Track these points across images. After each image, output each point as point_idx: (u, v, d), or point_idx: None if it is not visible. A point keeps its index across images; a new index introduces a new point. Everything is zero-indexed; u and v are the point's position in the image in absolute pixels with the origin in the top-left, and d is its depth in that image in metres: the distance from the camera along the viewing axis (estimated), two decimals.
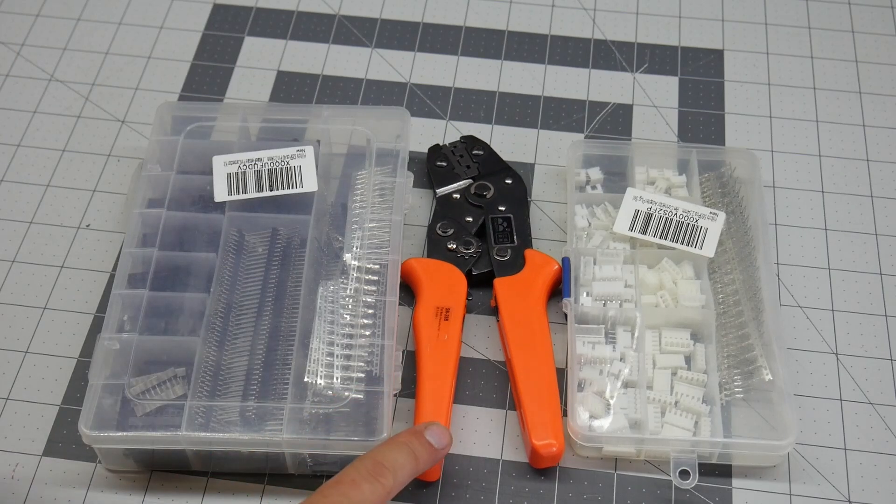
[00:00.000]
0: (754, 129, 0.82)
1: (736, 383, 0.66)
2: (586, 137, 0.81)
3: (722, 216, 0.71)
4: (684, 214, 0.71)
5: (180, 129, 0.75)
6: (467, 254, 0.72)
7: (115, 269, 0.73)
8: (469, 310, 0.71)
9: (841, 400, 0.68)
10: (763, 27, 0.89)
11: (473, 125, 0.81)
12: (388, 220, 0.70)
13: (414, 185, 0.76)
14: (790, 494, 0.64)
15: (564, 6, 0.90)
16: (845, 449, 0.66)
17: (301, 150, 0.73)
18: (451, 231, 0.73)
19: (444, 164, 0.77)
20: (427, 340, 0.66)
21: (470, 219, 0.74)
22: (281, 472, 0.64)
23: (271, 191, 0.71)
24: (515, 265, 0.71)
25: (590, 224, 0.73)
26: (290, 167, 0.72)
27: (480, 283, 0.72)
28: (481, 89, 0.84)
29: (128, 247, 0.69)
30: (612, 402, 0.65)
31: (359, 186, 0.73)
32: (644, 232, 0.71)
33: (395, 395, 0.67)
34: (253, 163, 0.72)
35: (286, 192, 0.71)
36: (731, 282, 0.70)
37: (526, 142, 0.81)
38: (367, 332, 0.66)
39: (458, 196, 0.75)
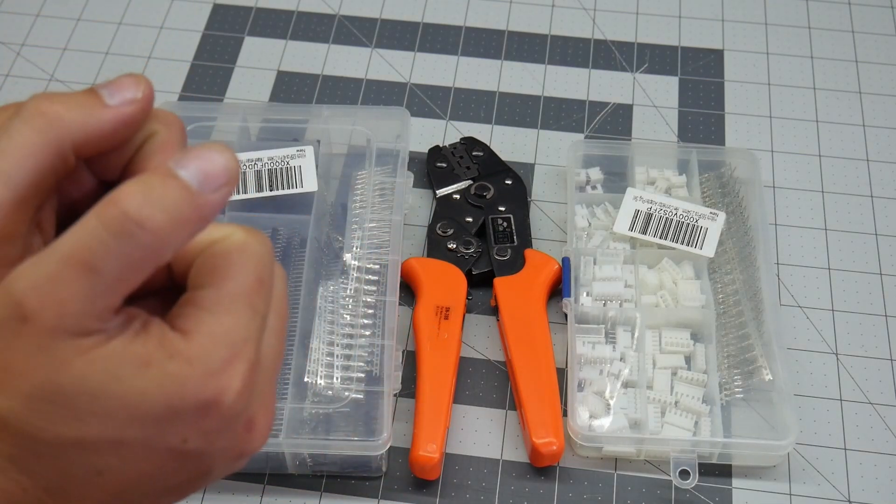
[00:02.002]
0: (754, 129, 0.82)
1: (736, 383, 0.66)
2: (586, 137, 0.81)
3: (722, 216, 0.71)
4: (684, 214, 0.71)
5: None
6: (467, 254, 0.72)
7: None
8: (469, 309, 0.71)
9: (841, 400, 0.68)
10: (763, 27, 0.89)
11: (473, 125, 0.81)
12: (388, 220, 0.70)
13: (414, 185, 0.76)
14: (790, 494, 0.64)
15: (564, 6, 0.90)
16: (845, 449, 0.66)
17: (301, 150, 0.73)
18: (451, 231, 0.73)
19: (443, 165, 0.77)
20: (427, 340, 0.66)
21: (470, 219, 0.74)
22: (281, 472, 0.64)
23: (271, 191, 0.71)
24: (515, 265, 0.71)
25: (590, 224, 0.73)
26: (290, 167, 0.72)
27: (480, 282, 0.72)
28: (481, 89, 0.84)
29: None
30: (612, 402, 0.65)
31: (359, 186, 0.73)
32: (644, 232, 0.71)
33: (395, 395, 0.67)
34: (253, 163, 0.72)
35: (286, 192, 0.71)
36: (731, 282, 0.70)
37: (526, 142, 0.81)
38: (367, 332, 0.66)
39: (458, 196, 0.75)
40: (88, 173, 0.37)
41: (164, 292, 0.36)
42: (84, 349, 0.32)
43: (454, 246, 0.72)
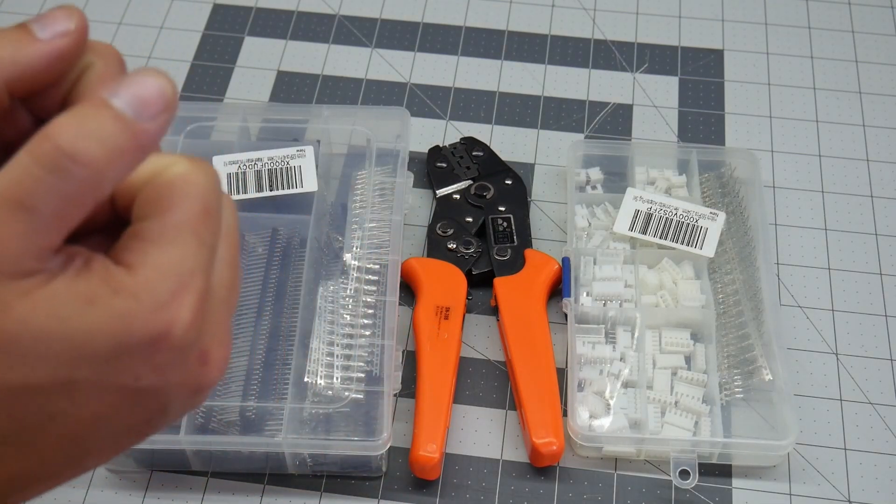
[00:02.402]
0: (754, 129, 0.82)
1: (736, 383, 0.66)
2: (586, 137, 0.81)
3: (722, 216, 0.71)
4: (684, 214, 0.71)
5: (180, 129, 0.75)
6: (467, 254, 0.72)
7: None
8: (469, 310, 0.71)
9: (841, 400, 0.68)
10: (763, 27, 0.89)
11: (473, 125, 0.81)
12: (388, 220, 0.70)
13: (414, 185, 0.76)
14: (790, 494, 0.64)
15: (564, 6, 0.90)
16: (845, 449, 0.66)
17: (301, 150, 0.73)
18: (451, 231, 0.73)
19: (443, 165, 0.77)
20: (427, 340, 0.66)
21: (470, 219, 0.74)
22: (281, 472, 0.64)
23: (271, 191, 0.71)
24: (515, 265, 0.71)
25: (590, 224, 0.73)
26: (290, 167, 0.72)
27: (480, 283, 0.72)
28: (481, 89, 0.84)
29: None
30: (612, 402, 0.65)
31: (359, 186, 0.73)
32: (644, 232, 0.71)
33: (395, 395, 0.67)
34: (253, 163, 0.72)
35: (286, 192, 0.71)
36: (731, 282, 0.70)
37: (526, 142, 0.81)
38: (367, 332, 0.66)
39: (458, 196, 0.75)
40: (24, 111, 0.35)
41: (108, 229, 0.35)
42: (25, 291, 0.30)
43: (454, 246, 0.72)
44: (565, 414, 0.65)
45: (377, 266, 0.69)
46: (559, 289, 0.70)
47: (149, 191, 0.33)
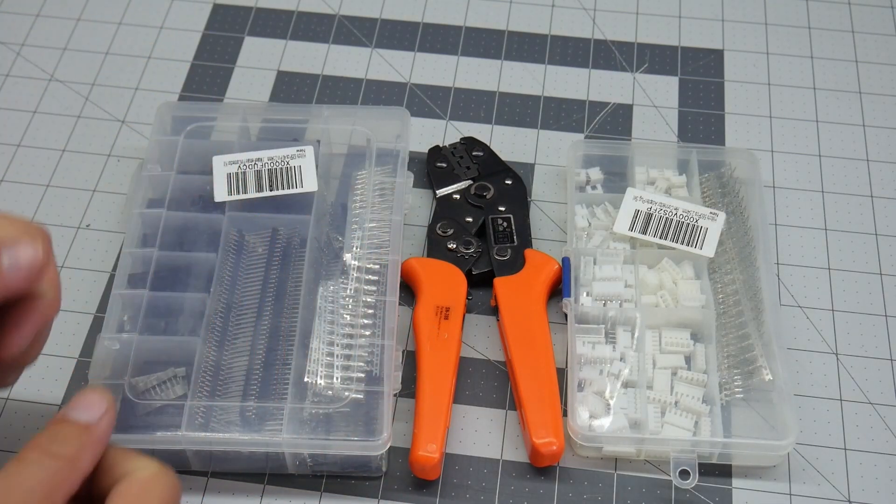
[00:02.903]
0: (754, 129, 0.82)
1: (736, 383, 0.66)
2: (586, 137, 0.81)
3: (722, 216, 0.72)
4: (684, 214, 0.71)
5: (180, 129, 0.75)
6: (467, 254, 0.72)
7: (115, 269, 0.73)
8: (469, 309, 0.71)
9: (841, 400, 0.68)
10: (763, 27, 0.89)
11: (473, 125, 0.81)
12: (388, 220, 0.70)
13: (414, 186, 0.76)
14: (790, 494, 0.64)
15: (564, 6, 0.90)
16: (845, 449, 0.66)
17: (301, 150, 0.73)
18: (451, 231, 0.73)
19: (443, 165, 0.77)
20: (427, 340, 0.66)
21: (470, 219, 0.74)
22: (281, 472, 0.64)
23: (271, 191, 0.71)
24: (515, 265, 0.71)
25: (590, 224, 0.73)
26: (290, 167, 0.72)
27: (480, 283, 0.72)
28: (481, 89, 0.84)
29: (128, 247, 0.69)
30: (612, 402, 0.65)
31: (359, 186, 0.73)
32: (644, 232, 0.71)
33: (395, 395, 0.67)
34: (253, 163, 0.72)
35: (286, 192, 0.71)
36: (731, 282, 0.70)
37: (526, 142, 0.81)
38: (367, 332, 0.66)
39: (458, 196, 0.75)
40: None
41: None
42: None
43: (454, 246, 0.72)
44: (565, 414, 0.65)
45: (377, 266, 0.69)
46: (559, 289, 0.70)
47: (125, 482, 0.47)
